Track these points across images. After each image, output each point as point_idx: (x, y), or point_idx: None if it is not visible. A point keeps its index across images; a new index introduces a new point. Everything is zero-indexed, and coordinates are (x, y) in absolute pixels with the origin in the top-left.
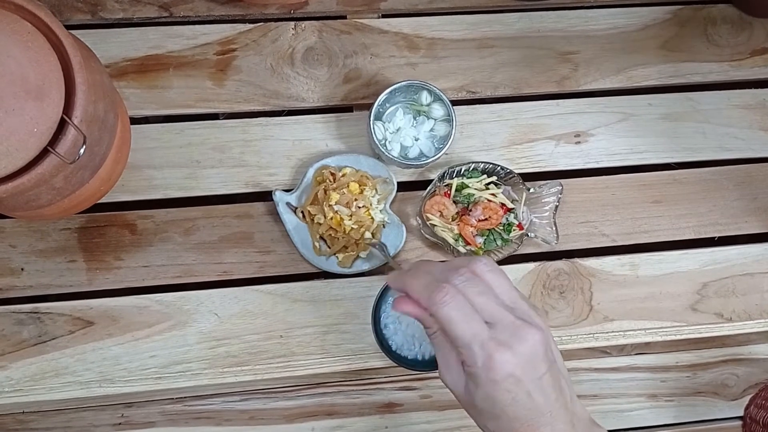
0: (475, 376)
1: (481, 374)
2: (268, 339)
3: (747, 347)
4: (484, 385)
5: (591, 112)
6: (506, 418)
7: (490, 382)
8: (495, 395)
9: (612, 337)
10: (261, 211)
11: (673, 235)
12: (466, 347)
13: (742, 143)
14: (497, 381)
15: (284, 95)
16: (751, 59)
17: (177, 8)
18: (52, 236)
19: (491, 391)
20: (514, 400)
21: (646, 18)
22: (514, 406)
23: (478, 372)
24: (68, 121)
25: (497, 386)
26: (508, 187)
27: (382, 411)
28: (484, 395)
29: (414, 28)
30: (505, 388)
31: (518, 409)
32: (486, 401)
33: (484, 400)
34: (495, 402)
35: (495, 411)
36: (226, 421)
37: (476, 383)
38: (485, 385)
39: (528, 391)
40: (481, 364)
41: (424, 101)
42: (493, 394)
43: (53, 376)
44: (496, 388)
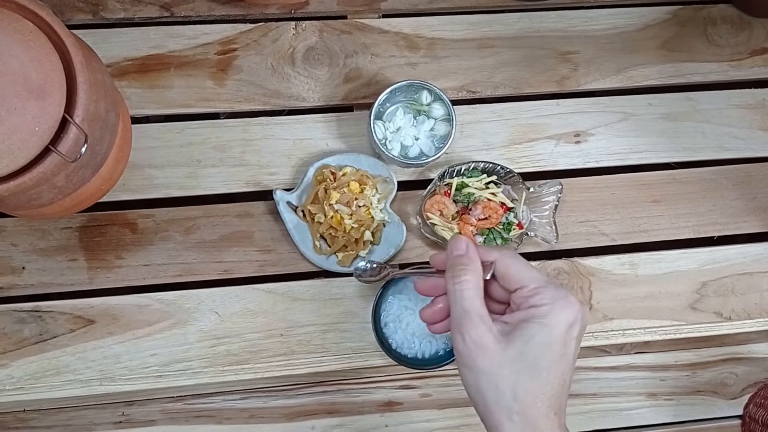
0: (543, 316)
1: (555, 311)
2: (268, 337)
3: (746, 346)
4: (551, 327)
5: (591, 112)
6: (548, 376)
7: (561, 323)
8: (555, 341)
9: (611, 336)
10: (261, 210)
11: (672, 235)
12: (543, 285)
13: (742, 143)
14: (565, 324)
15: (285, 95)
16: (750, 59)
17: (178, 8)
18: (54, 235)
19: (555, 335)
20: (563, 357)
21: (646, 18)
22: (559, 365)
23: (549, 311)
24: (70, 120)
25: (562, 331)
26: (507, 187)
27: (382, 409)
28: (543, 340)
29: (414, 28)
30: (564, 339)
31: (560, 371)
32: (540, 347)
33: (539, 347)
34: (551, 350)
35: (541, 364)
36: (227, 420)
37: (541, 324)
38: (552, 327)
39: (570, 357)
40: (560, 299)
41: (424, 101)
42: (555, 339)
43: (54, 374)
44: (560, 334)
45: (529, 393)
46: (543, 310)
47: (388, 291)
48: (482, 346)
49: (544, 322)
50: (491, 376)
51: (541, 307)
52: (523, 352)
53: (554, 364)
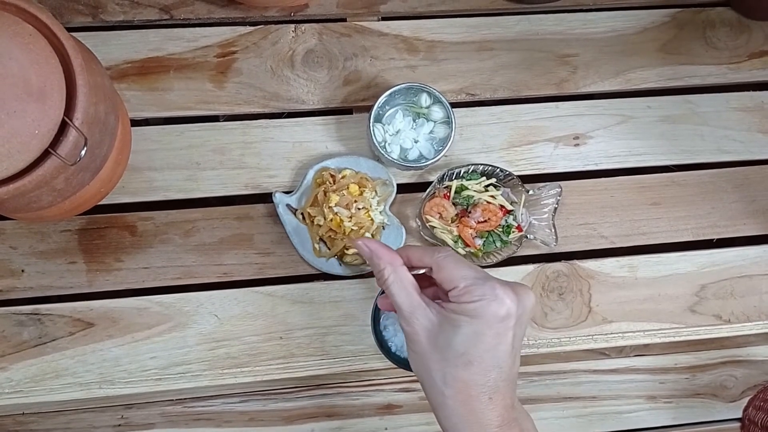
0: (472, 311)
1: (483, 308)
2: (267, 340)
3: (745, 349)
4: (479, 322)
5: (590, 115)
6: (477, 367)
7: (490, 317)
8: (485, 334)
9: (611, 339)
10: (261, 212)
11: (671, 237)
12: (473, 283)
13: (741, 145)
14: (496, 317)
15: (284, 97)
16: (749, 62)
17: (177, 11)
18: (53, 238)
19: (484, 328)
20: (496, 347)
21: (645, 21)
22: (492, 354)
23: (478, 307)
24: (69, 123)
25: (492, 325)
26: (507, 189)
27: (382, 412)
28: (472, 333)
29: (413, 30)
30: (497, 331)
31: (493, 360)
32: (469, 341)
33: (467, 340)
34: (479, 342)
35: (471, 355)
36: (226, 423)
37: (471, 317)
38: (480, 322)
39: (508, 346)
40: (488, 297)
41: (423, 103)
42: (484, 333)
43: (53, 377)
44: (490, 326)
45: (458, 380)
46: (471, 307)
47: None
48: (417, 332)
49: (472, 316)
50: (424, 361)
51: (470, 304)
52: (451, 344)
53: (486, 354)
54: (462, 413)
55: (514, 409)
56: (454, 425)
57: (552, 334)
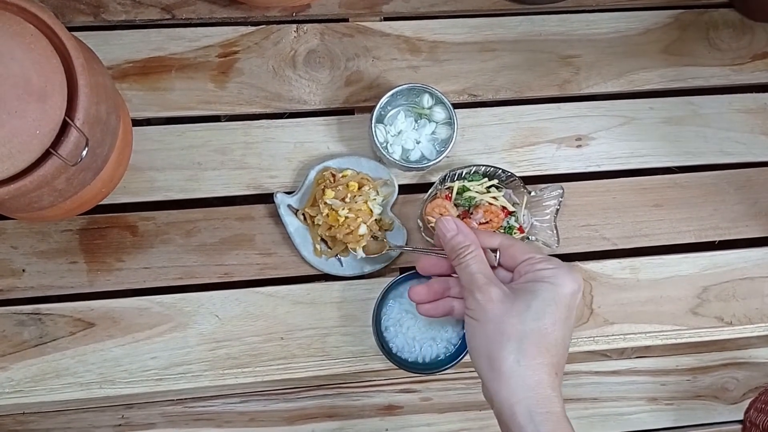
0: (551, 277)
1: (558, 278)
2: (268, 341)
3: (747, 351)
4: (559, 287)
5: (592, 116)
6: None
7: (563, 288)
8: (560, 301)
9: (612, 341)
10: (262, 213)
11: (673, 239)
12: (545, 257)
13: (743, 147)
14: (569, 290)
15: (286, 98)
16: (752, 63)
17: (179, 10)
18: (54, 238)
19: (560, 295)
20: (566, 320)
21: (648, 22)
22: (563, 326)
23: (555, 274)
24: (71, 123)
25: (567, 294)
26: (509, 191)
27: (383, 413)
28: (550, 299)
29: (416, 31)
30: (567, 303)
31: (563, 332)
32: (547, 306)
33: (545, 303)
34: (556, 310)
35: (546, 321)
36: (227, 423)
37: (549, 283)
38: (559, 287)
39: (571, 324)
40: (566, 267)
41: (425, 104)
42: (560, 300)
43: (54, 377)
44: (565, 296)
45: (534, 344)
46: (550, 272)
47: (389, 295)
48: (491, 299)
49: (552, 282)
50: (499, 325)
51: (548, 270)
52: (530, 306)
53: (558, 323)
54: (530, 384)
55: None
56: (520, 400)
57: None
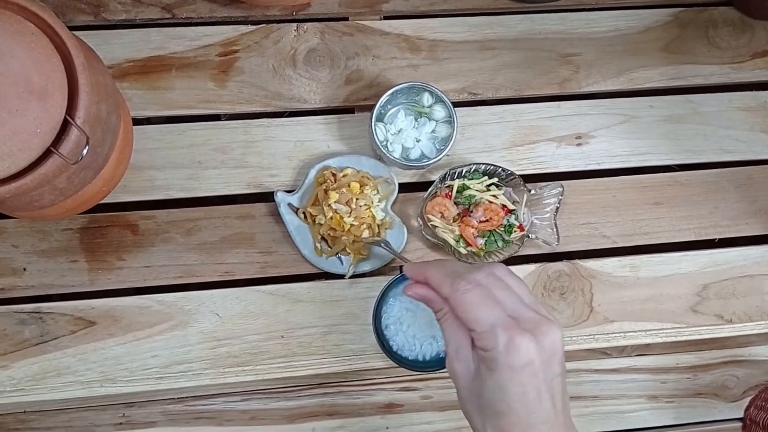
0: (491, 362)
1: (500, 358)
2: (269, 339)
3: (747, 349)
4: (500, 372)
5: (592, 114)
6: (510, 417)
7: (507, 368)
8: (507, 385)
9: (612, 339)
10: (263, 211)
11: (673, 237)
12: (489, 329)
13: (743, 145)
14: (515, 368)
15: (286, 96)
16: (752, 61)
17: (179, 10)
18: (55, 236)
19: (505, 379)
20: (524, 395)
21: (648, 20)
22: (523, 404)
23: (495, 356)
24: (71, 122)
25: (513, 375)
26: (509, 189)
27: (383, 411)
28: (495, 385)
29: (416, 29)
30: (519, 380)
31: (525, 409)
32: (495, 392)
33: (493, 391)
34: (505, 394)
35: (501, 406)
36: (227, 422)
37: (491, 369)
38: (500, 372)
39: (539, 391)
40: (502, 347)
41: (425, 103)
42: (506, 384)
43: (55, 375)
44: (511, 377)
45: (496, 427)
46: (489, 356)
47: (389, 293)
48: (456, 377)
49: (491, 368)
50: (466, 407)
51: (488, 353)
52: (481, 394)
53: (515, 403)
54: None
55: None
56: None
57: None
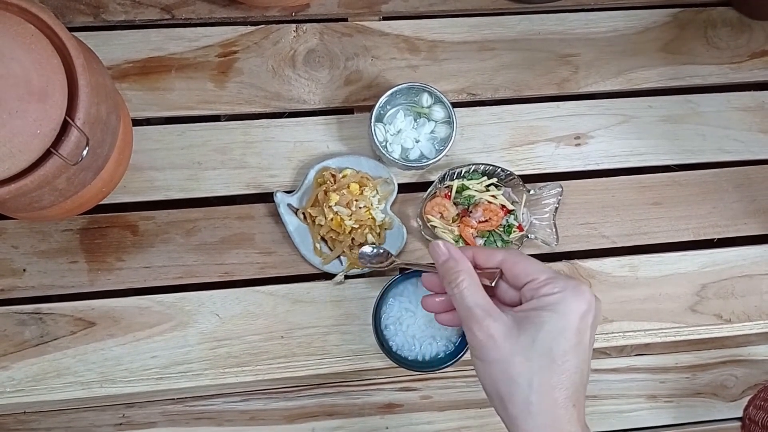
0: (555, 304)
1: (564, 302)
2: (269, 340)
3: (746, 348)
4: (564, 315)
5: (591, 115)
6: (562, 367)
7: (571, 312)
8: (568, 328)
9: (612, 338)
10: (262, 212)
11: (672, 237)
12: (554, 276)
13: (742, 145)
14: (579, 312)
15: (285, 97)
16: (750, 62)
17: (179, 11)
18: (54, 237)
19: (568, 323)
20: (578, 345)
21: (646, 21)
22: (576, 353)
23: (562, 298)
24: (71, 123)
25: (575, 319)
26: (508, 189)
27: (383, 411)
28: (555, 329)
29: (415, 30)
30: (578, 327)
31: (577, 360)
32: (554, 337)
33: (552, 335)
34: (564, 338)
35: (557, 352)
36: (227, 422)
37: (553, 312)
38: (565, 315)
39: (586, 347)
40: (570, 290)
41: (424, 103)
42: (568, 327)
43: (55, 376)
44: (573, 322)
45: (544, 382)
46: (555, 298)
47: (389, 293)
48: (492, 336)
49: (556, 309)
50: (504, 366)
51: (553, 296)
52: (535, 340)
53: (569, 352)
54: (547, 423)
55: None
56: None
57: None
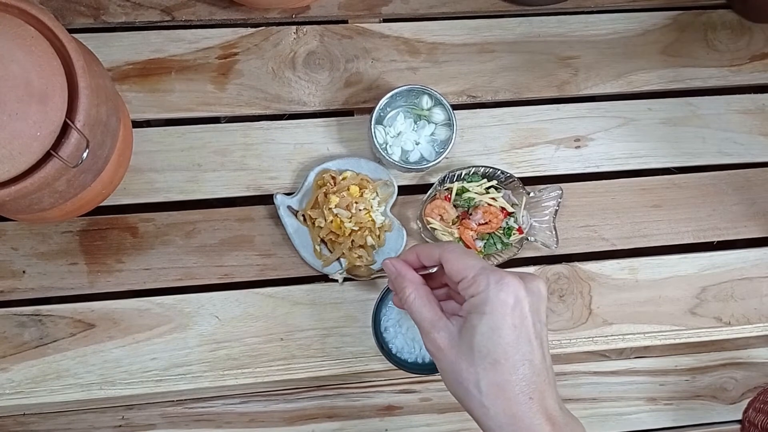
0: (482, 304)
1: (492, 296)
2: (268, 342)
3: (746, 351)
4: (492, 313)
5: (591, 117)
6: (505, 365)
7: (500, 305)
8: (501, 326)
9: (611, 341)
10: (262, 214)
11: (672, 240)
12: (480, 272)
13: (742, 148)
14: (507, 305)
15: (285, 99)
16: (750, 64)
17: (179, 12)
18: (54, 239)
19: (498, 319)
20: (517, 340)
21: (646, 23)
22: (516, 348)
23: (488, 296)
24: (71, 125)
25: (505, 313)
26: (508, 191)
27: (382, 414)
28: (488, 329)
29: (415, 32)
30: (512, 321)
31: (519, 354)
32: (489, 337)
33: (486, 337)
34: (498, 337)
35: (496, 352)
36: (227, 424)
37: (482, 313)
38: (492, 313)
39: (530, 337)
40: (494, 284)
41: (424, 105)
42: (499, 325)
43: (54, 378)
44: (503, 316)
45: (492, 383)
46: (479, 299)
47: (389, 296)
48: (439, 348)
49: (483, 311)
50: (454, 374)
51: (478, 296)
52: (472, 346)
53: (510, 349)
54: (507, 423)
55: (563, 412)
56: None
57: (553, 336)
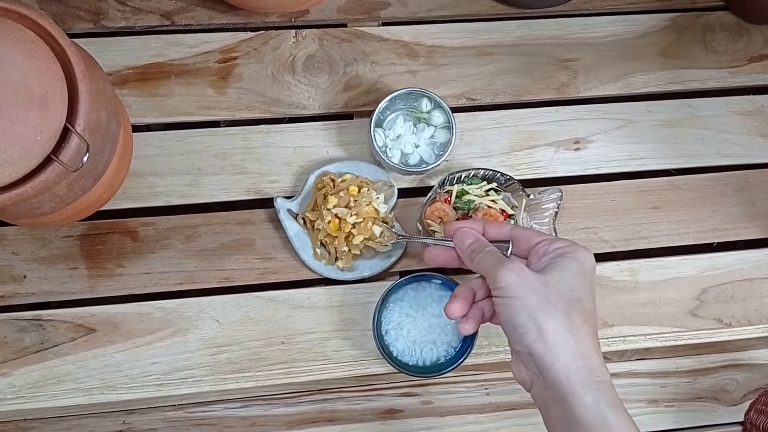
0: (572, 252)
1: (580, 250)
2: (269, 345)
3: (747, 352)
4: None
5: (590, 119)
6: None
7: (587, 260)
8: (585, 276)
9: (612, 343)
10: (262, 218)
11: (672, 241)
12: (558, 239)
13: (741, 149)
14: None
15: (285, 103)
16: (749, 66)
17: (178, 17)
18: (55, 244)
19: (585, 269)
20: (592, 294)
21: (645, 25)
22: (592, 299)
23: (576, 249)
24: (71, 130)
25: (588, 270)
26: (508, 194)
27: (383, 417)
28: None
29: (414, 35)
30: (590, 278)
31: (593, 305)
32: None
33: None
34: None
35: (581, 292)
36: (228, 428)
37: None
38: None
39: (594, 295)
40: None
41: (424, 108)
42: (584, 274)
43: (55, 383)
44: (586, 271)
45: (578, 314)
46: (570, 249)
47: (389, 298)
48: (524, 270)
49: (575, 257)
50: (543, 295)
51: (568, 247)
52: (564, 279)
53: (589, 295)
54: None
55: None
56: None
57: None
